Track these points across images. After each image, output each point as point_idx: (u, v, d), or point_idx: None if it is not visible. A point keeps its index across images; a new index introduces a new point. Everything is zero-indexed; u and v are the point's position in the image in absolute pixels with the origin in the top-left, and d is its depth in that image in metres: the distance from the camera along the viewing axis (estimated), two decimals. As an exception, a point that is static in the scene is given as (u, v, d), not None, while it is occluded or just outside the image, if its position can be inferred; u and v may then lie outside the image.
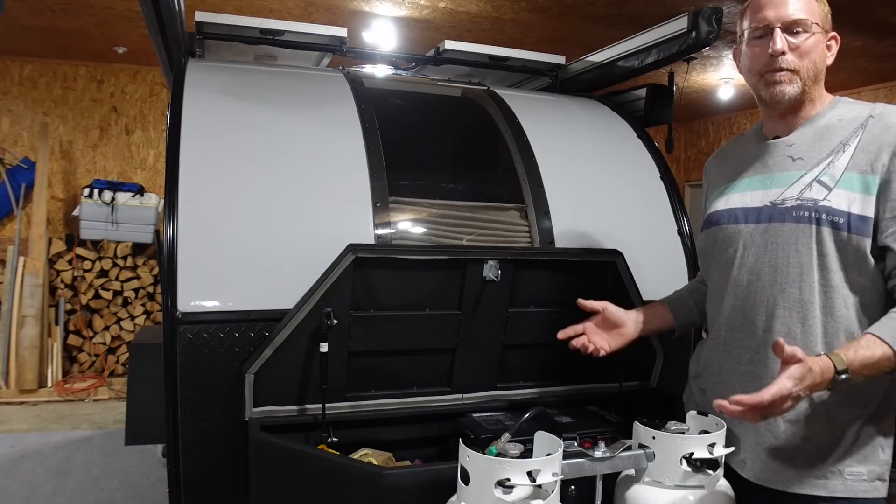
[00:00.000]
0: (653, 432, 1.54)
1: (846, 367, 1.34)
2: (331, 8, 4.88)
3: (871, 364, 1.36)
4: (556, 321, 2.21)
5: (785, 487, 1.50)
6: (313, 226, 2.05)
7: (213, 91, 2.27)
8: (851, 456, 1.47)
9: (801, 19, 1.53)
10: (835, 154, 1.52)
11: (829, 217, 1.47)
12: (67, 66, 6.77)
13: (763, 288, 1.54)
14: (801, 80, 1.55)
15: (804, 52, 1.54)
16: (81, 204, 6.22)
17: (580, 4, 4.66)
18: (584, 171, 2.55)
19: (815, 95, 1.59)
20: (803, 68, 1.54)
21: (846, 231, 1.46)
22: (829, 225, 1.47)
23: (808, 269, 1.49)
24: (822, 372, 1.34)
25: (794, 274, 1.50)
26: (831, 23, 1.61)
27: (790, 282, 1.51)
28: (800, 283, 1.50)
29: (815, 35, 1.54)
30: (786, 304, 1.51)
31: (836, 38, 1.61)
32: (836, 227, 1.46)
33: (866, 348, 1.36)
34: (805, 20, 1.53)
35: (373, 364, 2.04)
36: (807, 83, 1.55)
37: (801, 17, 1.53)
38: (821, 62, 1.57)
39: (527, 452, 1.47)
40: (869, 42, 5.40)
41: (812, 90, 1.58)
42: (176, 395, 1.86)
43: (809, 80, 1.56)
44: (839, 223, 1.46)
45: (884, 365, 1.36)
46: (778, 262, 1.52)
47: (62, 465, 4.37)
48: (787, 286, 1.51)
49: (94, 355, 6.46)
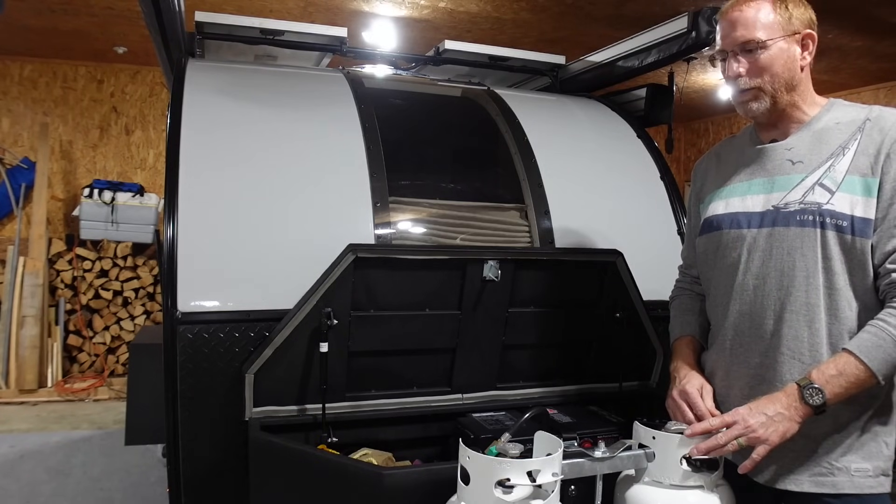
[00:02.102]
0: (653, 432, 1.54)
1: (809, 380, 1.42)
2: (331, 8, 4.88)
3: (839, 373, 1.41)
4: (556, 321, 2.22)
5: (792, 486, 1.51)
6: (313, 226, 2.05)
7: (213, 91, 2.27)
8: (856, 452, 1.49)
9: (749, 38, 1.54)
10: (835, 157, 1.52)
11: (833, 220, 1.48)
12: (67, 66, 6.77)
13: (770, 292, 1.55)
14: (767, 94, 1.56)
15: (761, 68, 1.54)
16: (81, 204, 6.21)
17: (580, 4, 4.66)
18: (585, 171, 2.55)
19: (796, 100, 1.58)
20: (765, 83, 1.55)
21: (850, 234, 1.47)
22: (833, 228, 1.48)
23: (814, 273, 1.50)
24: (784, 390, 1.45)
25: (800, 277, 1.51)
26: (806, 21, 1.57)
27: (797, 285, 1.51)
28: (806, 286, 1.50)
29: (771, 48, 1.53)
30: (792, 308, 1.51)
31: (810, 35, 1.57)
32: (840, 231, 1.47)
33: (831, 362, 1.44)
34: (754, 38, 1.53)
35: (373, 364, 2.04)
36: (776, 94, 1.56)
37: (750, 36, 1.54)
38: (787, 70, 1.55)
39: (527, 452, 1.47)
40: (869, 42, 5.39)
41: (787, 97, 1.57)
42: (176, 395, 1.86)
43: (779, 90, 1.56)
44: (843, 226, 1.47)
45: (856, 373, 1.40)
46: (784, 266, 1.53)
47: (62, 465, 4.36)
48: (793, 290, 1.51)
49: (94, 355, 6.46)
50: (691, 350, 1.76)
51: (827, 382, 1.41)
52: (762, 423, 1.42)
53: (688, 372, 1.68)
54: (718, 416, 1.50)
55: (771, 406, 1.44)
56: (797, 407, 1.42)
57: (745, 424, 1.43)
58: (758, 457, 1.42)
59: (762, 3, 1.55)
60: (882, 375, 1.40)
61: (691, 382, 1.64)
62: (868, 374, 1.40)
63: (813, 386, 1.41)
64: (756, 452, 1.42)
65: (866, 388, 1.43)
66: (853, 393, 1.42)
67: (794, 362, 1.51)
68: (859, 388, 1.41)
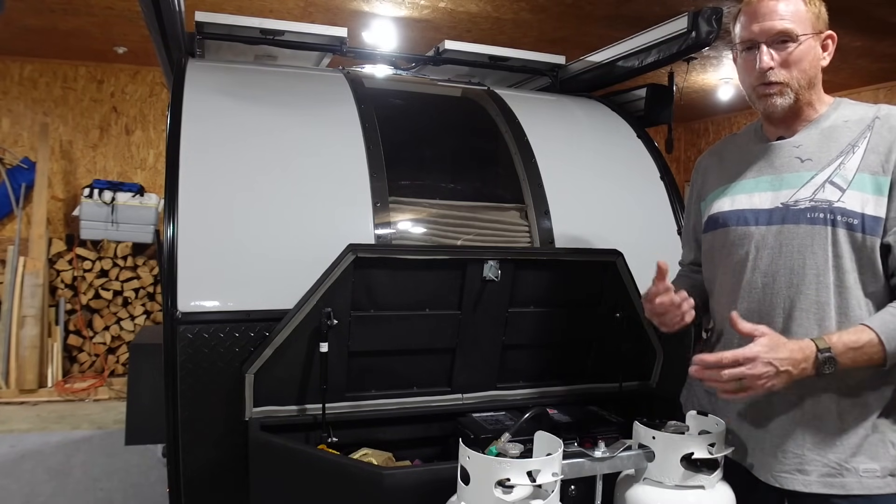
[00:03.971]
0: (653, 432, 1.54)
1: (828, 346, 1.39)
2: (331, 8, 4.88)
3: (857, 348, 1.39)
4: (556, 321, 2.22)
5: (800, 487, 1.50)
6: (313, 226, 2.05)
7: (213, 91, 2.27)
8: (864, 453, 1.48)
9: (785, 30, 1.52)
10: (844, 155, 1.51)
11: (843, 218, 1.47)
12: (67, 66, 6.77)
13: (779, 290, 1.54)
14: (793, 90, 1.54)
15: (792, 63, 1.53)
16: (81, 204, 6.21)
17: (580, 4, 4.66)
18: (585, 172, 2.55)
19: (812, 99, 1.58)
20: (793, 79, 1.54)
21: (861, 232, 1.46)
22: (844, 226, 1.47)
23: (824, 271, 1.49)
24: (802, 348, 1.40)
25: (810, 276, 1.50)
26: (827, 20, 1.58)
27: (807, 283, 1.50)
28: (816, 284, 1.49)
29: (803, 44, 1.53)
30: (802, 306, 1.51)
31: (832, 36, 1.58)
32: (850, 229, 1.47)
33: (852, 333, 1.42)
34: (790, 30, 1.52)
35: (373, 364, 2.04)
36: (799, 92, 1.55)
37: (787, 27, 1.52)
38: (812, 68, 1.55)
39: (527, 452, 1.47)
40: (869, 42, 5.39)
41: (807, 95, 1.57)
42: (176, 395, 1.86)
43: (802, 88, 1.55)
44: (854, 224, 1.46)
45: (870, 351, 1.40)
46: (794, 263, 1.52)
47: (62, 465, 4.36)
48: (803, 288, 1.50)
49: (94, 355, 6.46)
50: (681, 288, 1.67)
51: (842, 354, 1.39)
52: (766, 375, 1.38)
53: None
54: (732, 352, 1.40)
55: (786, 360, 1.38)
56: (805, 369, 1.40)
57: (752, 371, 1.37)
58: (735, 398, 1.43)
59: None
60: (891, 361, 1.40)
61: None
62: (881, 356, 1.40)
63: (831, 357, 1.39)
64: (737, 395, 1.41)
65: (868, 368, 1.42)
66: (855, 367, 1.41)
67: None
68: (865, 365, 1.41)
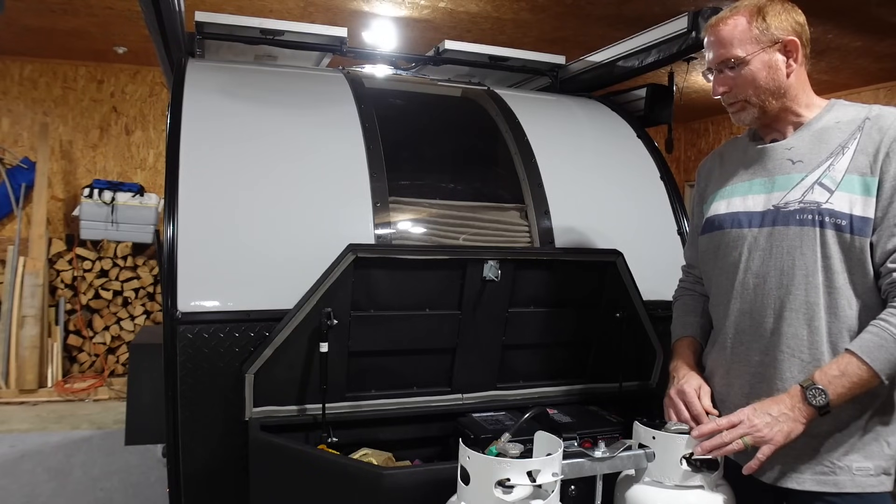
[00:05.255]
0: (653, 432, 1.54)
1: (812, 380, 1.43)
2: (331, 8, 4.88)
3: (842, 374, 1.41)
4: (556, 321, 2.22)
5: (794, 485, 1.52)
6: (313, 226, 2.05)
7: (213, 91, 2.27)
8: (858, 451, 1.49)
9: (729, 57, 1.56)
10: (834, 157, 1.53)
11: (832, 219, 1.48)
12: (67, 66, 6.77)
13: (770, 291, 1.56)
14: (753, 105, 1.58)
15: (743, 83, 1.57)
16: (81, 204, 6.21)
17: (580, 4, 4.66)
18: (585, 171, 2.55)
19: (790, 104, 1.59)
20: (750, 96, 1.57)
21: (849, 233, 1.47)
22: (832, 227, 1.48)
23: (813, 272, 1.50)
24: (787, 391, 1.47)
25: (799, 276, 1.51)
26: (786, 28, 1.55)
27: (796, 284, 1.52)
28: (805, 285, 1.51)
29: (752, 62, 1.55)
30: (792, 307, 1.52)
31: (791, 41, 1.55)
32: (839, 230, 1.48)
33: (834, 362, 1.44)
34: (733, 56, 1.55)
35: (373, 364, 2.04)
36: (763, 104, 1.57)
37: (730, 54, 1.56)
38: (772, 80, 1.56)
39: (527, 452, 1.47)
40: (869, 42, 5.39)
41: (780, 103, 1.58)
42: (176, 395, 1.86)
43: (766, 100, 1.57)
44: (842, 225, 1.48)
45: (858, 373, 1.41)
46: (784, 265, 1.54)
47: (62, 465, 4.36)
48: (793, 288, 1.52)
49: (94, 355, 6.46)
50: (691, 351, 1.76)
51: (829, 383, 1.41)
52: (767, 423, 1.43)
53: (687, 372, 1.69)
54: (724, 417, 1.50)
55: (775, 407, 1.45)
56: (801, 408, 1.43)
57: (751, 424, 1.44)
58: (763, 456, 1.43)
59: (738, 19, 1.56)
60: (885, 375, 1.41)
61: (689, 382, 1.65)
62: (871, 374, 1.40)
63: (816, 387, 1.42)
64: (761, 452, 1.43)
65: (870, 388, 1.43)
66: (857, 393, 1.42)
67: (794, 360, 1.51)
68: (863, 388, 1.42)
